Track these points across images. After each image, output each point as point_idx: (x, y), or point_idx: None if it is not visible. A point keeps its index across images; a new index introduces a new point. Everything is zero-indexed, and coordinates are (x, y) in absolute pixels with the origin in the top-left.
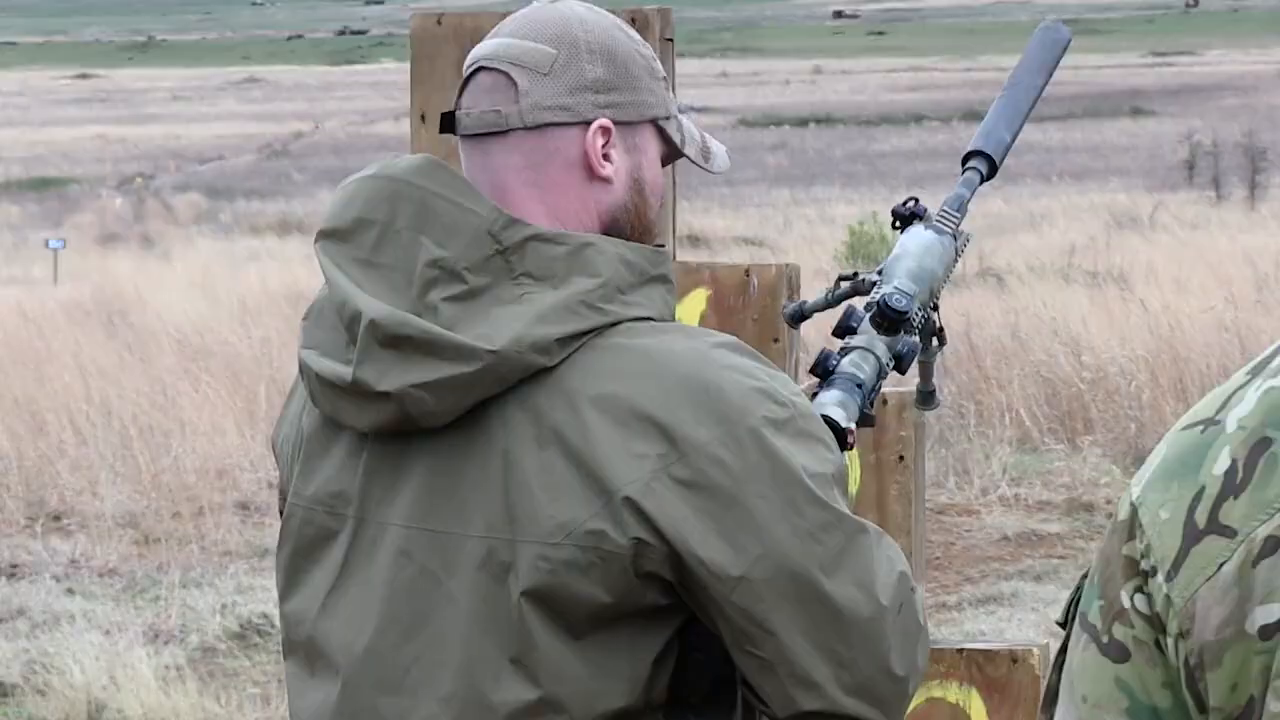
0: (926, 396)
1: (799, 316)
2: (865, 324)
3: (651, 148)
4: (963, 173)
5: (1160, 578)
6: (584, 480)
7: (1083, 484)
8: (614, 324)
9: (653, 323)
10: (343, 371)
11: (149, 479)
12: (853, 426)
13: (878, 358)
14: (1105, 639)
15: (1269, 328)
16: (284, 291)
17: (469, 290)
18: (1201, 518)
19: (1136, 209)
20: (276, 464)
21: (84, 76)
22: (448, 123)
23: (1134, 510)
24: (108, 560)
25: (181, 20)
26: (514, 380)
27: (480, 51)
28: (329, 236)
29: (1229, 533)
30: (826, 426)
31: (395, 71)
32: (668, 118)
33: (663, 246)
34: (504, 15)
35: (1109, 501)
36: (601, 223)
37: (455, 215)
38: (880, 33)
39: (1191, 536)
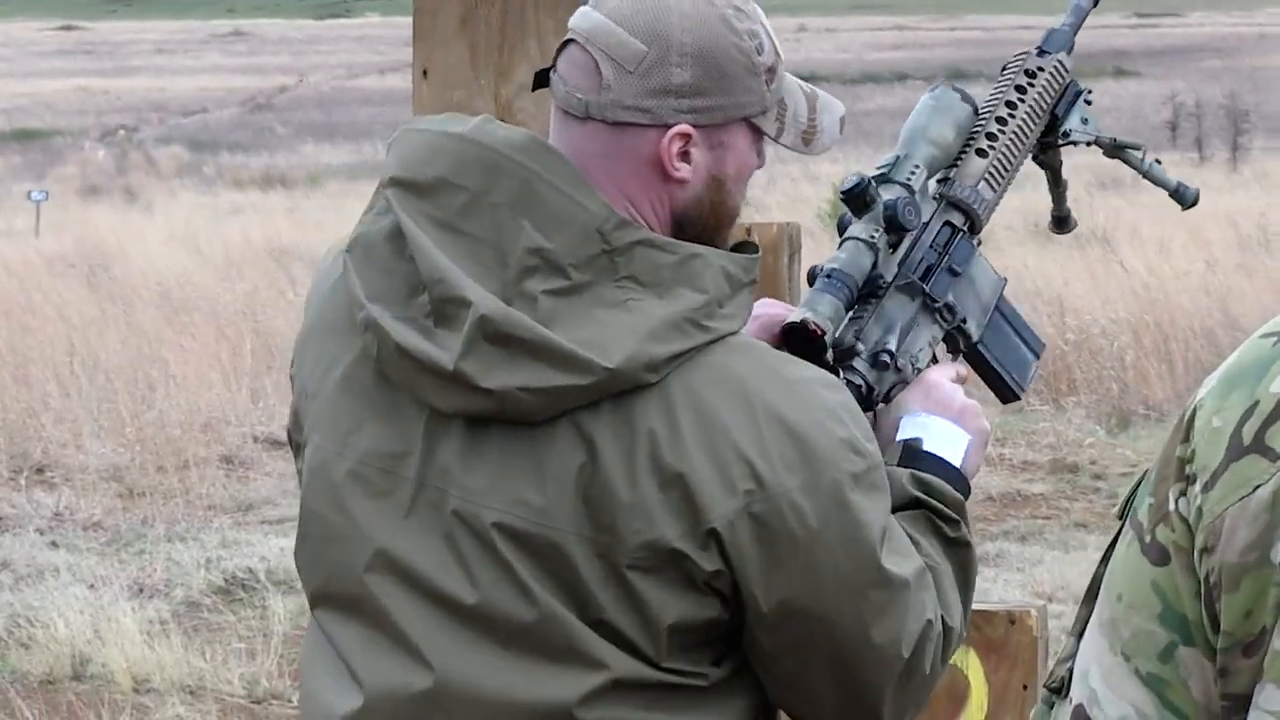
0: (1060, 221)
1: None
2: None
3: (740, 142)
4: None
5: (1198, 487)
6: (675, 502)
7: (1067, 444)
8: (713, 341)
9: (742, 340)
10: (440, 357)
11: (133, 432)
12: (828, 326)
13: (868, 242)
14: (1148, 539)
15: (1250, 289)
16: (267, 245)
17: (571, 286)
18: (1248, 434)
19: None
20: (292, 389)
21: (68, 28)
22: (541, 80)
23: (1193, 412)
24: (92, 514)
25: None
26: (617, 391)
27: (579, 23)
28: (404, 187)
29: (1272, 455)
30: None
31: (381, 26)
32: (763, 112)
33: (755, 249)
34: None
35: (1093, 462)
36: (673, 215)
37: (565, 206)
38: None
39: (1235, 451)
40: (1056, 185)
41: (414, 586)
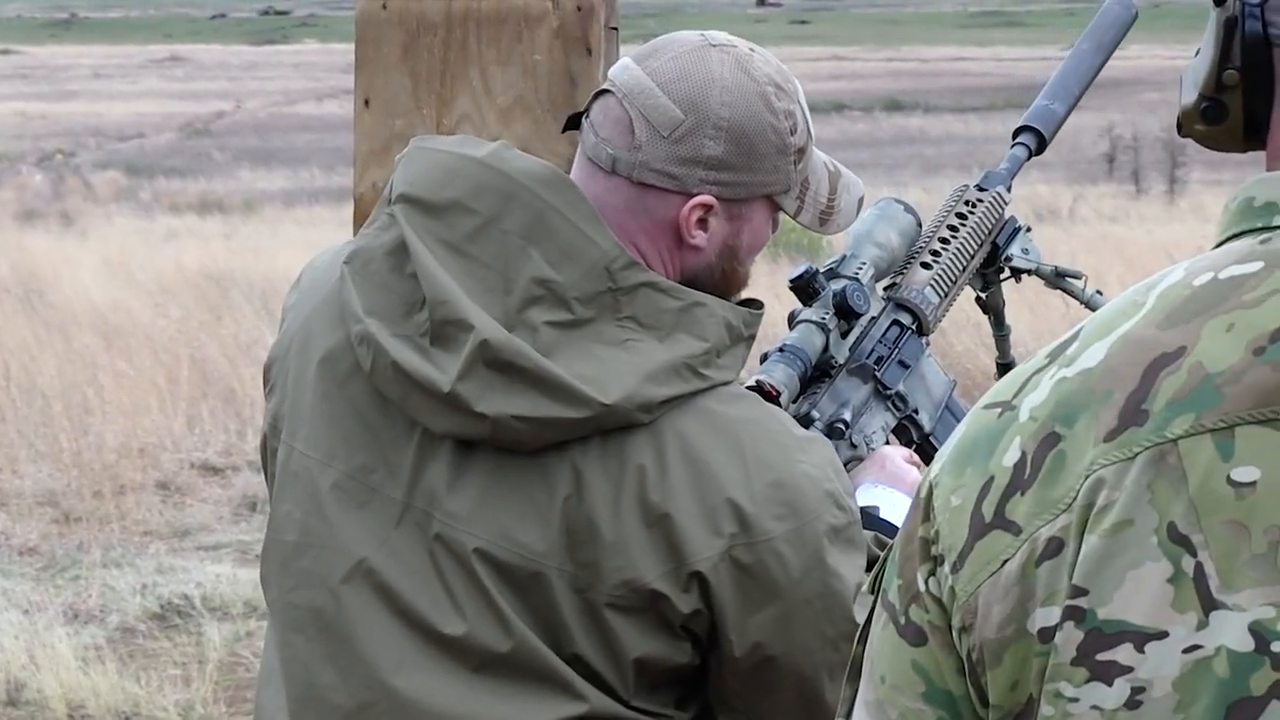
0: (1005, 370)
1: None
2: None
3: (758, 216)
4: (1011, 147)
5: (947, 568)
6: (658, 543)
7: None
8: (708, 389)
9: (736, 390)
10: (437, 379)
11: (69, 457)
12: (784, 389)
13: (819, 324)
14: (903, 620)
15: None
16: (203, 271)
17: (574, 320)
18: (989, 510)
19: (1057, 201)
20: (264, 385)
21: (4, 52)
22: (574, 122)
23: (930, 491)
24: (27, 539)
25: None
26: (610, 428)
27: (620, 77)
28: (414, 205)
29: (1014, 529)
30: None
31: (318, 52)
32: (786, 191)
33: (760, 305)
34: (449, 1)
35: None
36: (682, 276)
37: (575, 240)
38: (803, 21)
39: (978, 529)
40: (1000, 328)
41: (390, 604)
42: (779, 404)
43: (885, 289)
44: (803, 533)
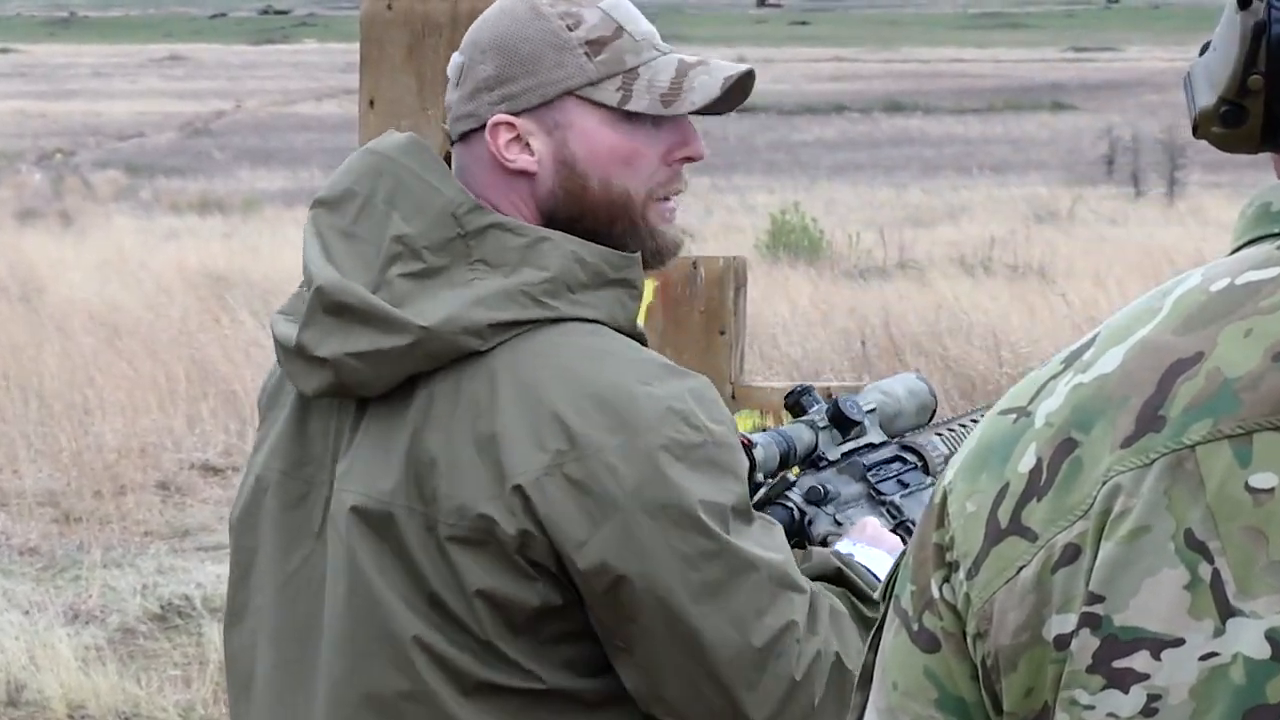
0: None
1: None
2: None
3: (583, 120)
4: None
5: (962, 574)
6: (485, 464)
7: None
8: (556, 320)
9: (598, 326)
10: (289, 335)
11: (69, 457)
12: (759, 446)
13: (809, 422)
14: (915, 626)
15: None
16: (203, 270)
17: (426, 269)
18: (1004, 517)
19: (1056, 203)
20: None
21: (4, 51)
22: None
23: (944, 497)
24: (28, 539)
25: None
26: (446, 359)
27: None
28: (321, 205)
29: (1030, 535)
30: (745, 458)
31: (318, 52)
32: (591, 84)
33: (635, 253)
34: (453, 2)
35: None
36: (541, 215)
37: (425, 194)
38: (803, 22)
39: (993, 535)
40: None
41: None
42: (753, 454)
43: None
44: (636, 445)
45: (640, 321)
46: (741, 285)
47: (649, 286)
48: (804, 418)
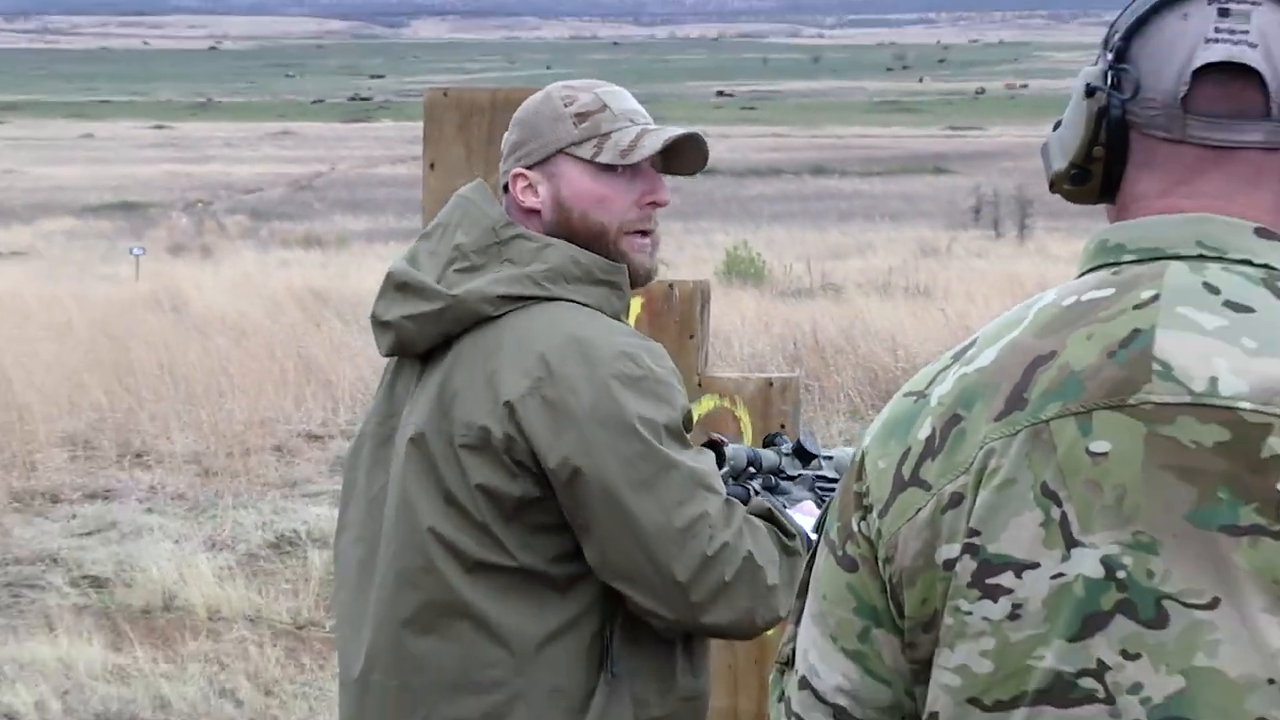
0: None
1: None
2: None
3: (570, 172)
4: None
5: (875, 514)
6: (487, 390)
7: None
8: (553, 299)
9: (584, 307)
10: (373, 313)
11: (208, 428)
12: (729, 446)
13: (778, 449)
14: (840, 553)
15: None
16: (306, 289)
17: (471, 266)
18: (907, 472)
19: (937, 242)
20: None
21: (159, 127)
22: None
23: (863, 457)
24: (178, 488)
25: (233, 86)
26: (469, 322)
27: None
28: (422, 238)
29: (926, 486)
30: (677, 391)
31: (393, 129)
32: (577, 143)
33: (620, 262)
34: (493, 91)
35: None
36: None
37: (478, 215)
38: (751, 108)
39: (899, 485)
40: None
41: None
42: (723, 451)
43: None
44: (594, 374)
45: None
46: (706, 302)
47: (636, 303)
48: (772, 447)
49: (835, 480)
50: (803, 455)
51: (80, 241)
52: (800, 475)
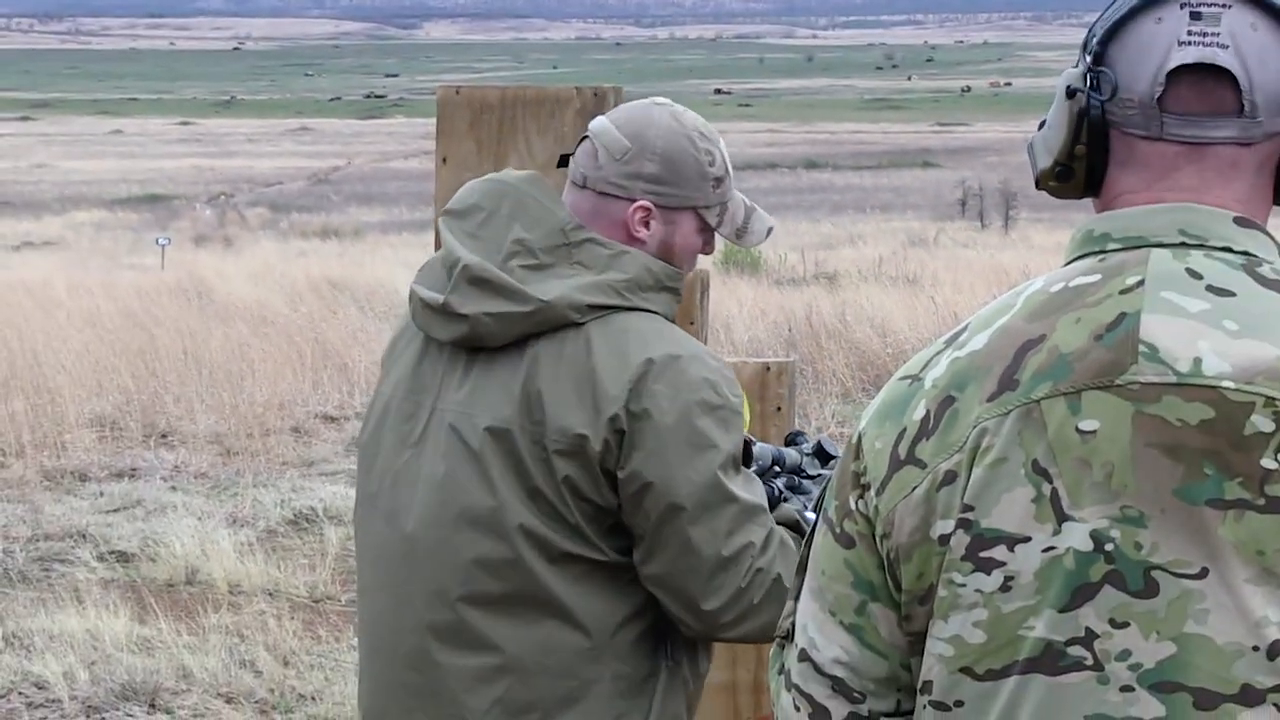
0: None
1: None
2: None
3: (687, 224)
4: None
5: (872, 492)
6: (583, 401)
7: None
8: (630, 309)
9: (655, 315)
10: (437, 296)
11: (230, 409)
12: (757, 443)
13: (799, 449)
14: (838, 530)
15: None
16: (323, 279)
17: (538, 264)
18: (903, 451)
19: (925, 232)
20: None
21: (185, 124)
22: (565, 161)
23: (859, 438)
24: (200, 467)
25: (255, 85)
26: (551, 326)
27: (593, 124)
28: (450, 214)
29: (921, 464)
30: (742, 420)
31: (406, 125)
32: (708, 206)
33: (679, 270)
34: (502, 89)
35: None
36: None
37: (542, 212)
38: (747, 105)
39: (895, 464)
40: None
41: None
42: (751, 450)
43: None
44: (680, 397)
45: None
46: (706, 290)
47: None
48: (794, 446)
49: None
50: (822, 456)
51: (109, 232)
52: (820, 475)
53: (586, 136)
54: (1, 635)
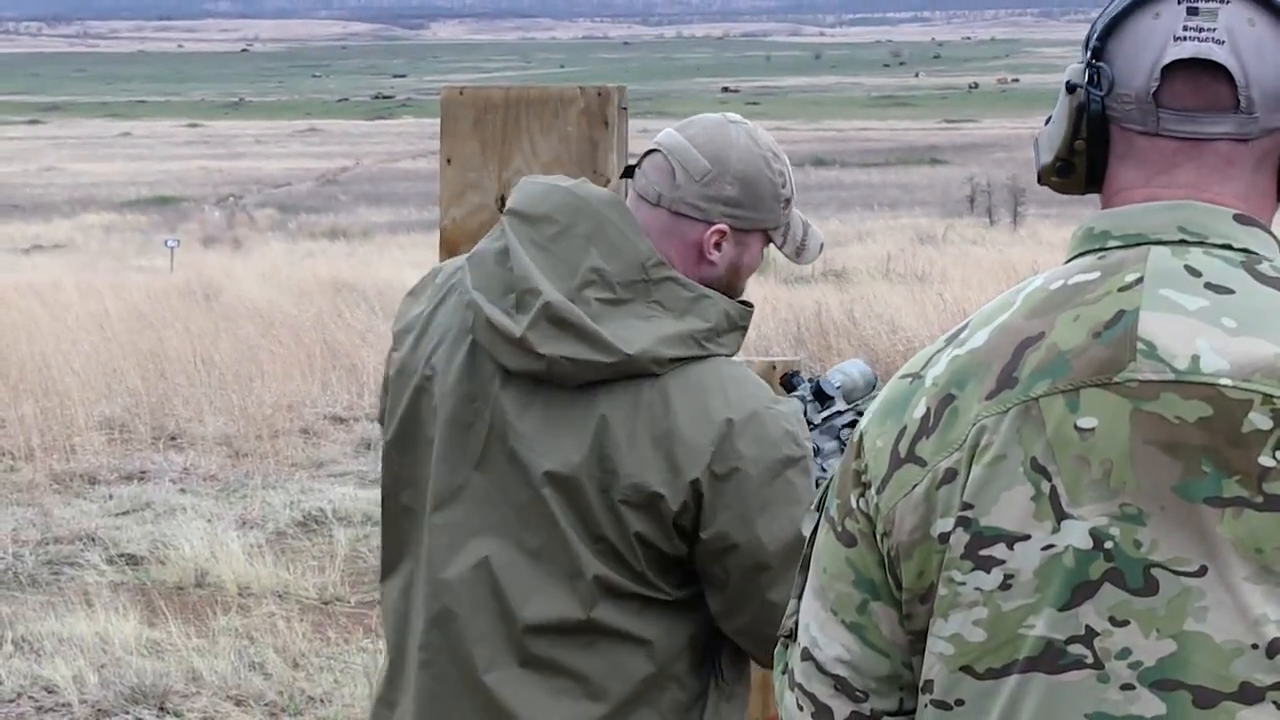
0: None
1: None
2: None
3: (756, 245)
4: None
5: (873, 491)
6: (660, 458)
7: None
8: (709, 356)
9: (730, 361)
10: (512, 327)
11: (239, 411)
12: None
13: (800, 396)
14: (840, 529)
15: None
16: (331, 279)
17: (616, 299)
18: (903, 449)
19: (933, 229)
20: (394, 343)
21: (193, 125)
22: (629, 172)
23: (861, 436)
24: (209, 469)
25: (263, 86)
26: (631, 375)
27: (666, 140)
28: (518, 216)
29: (921, 462)
30: (813, 459)
31: (414, 125)
32: (776, 228)
33: (751, 306)
34: (506, 89)
35: None
36: (701, 281)
37: (622, 243)
38: (755, 103)
39: (895, 463)
40: None
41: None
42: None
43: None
44: (765, 457)
45: None
46: None
47: None
48: (795, 393)
49: (847, 413)
50: (821, 397)
51: (118, 234)
52: (824, 423)
53: (657, 151)
54: (11, 639)
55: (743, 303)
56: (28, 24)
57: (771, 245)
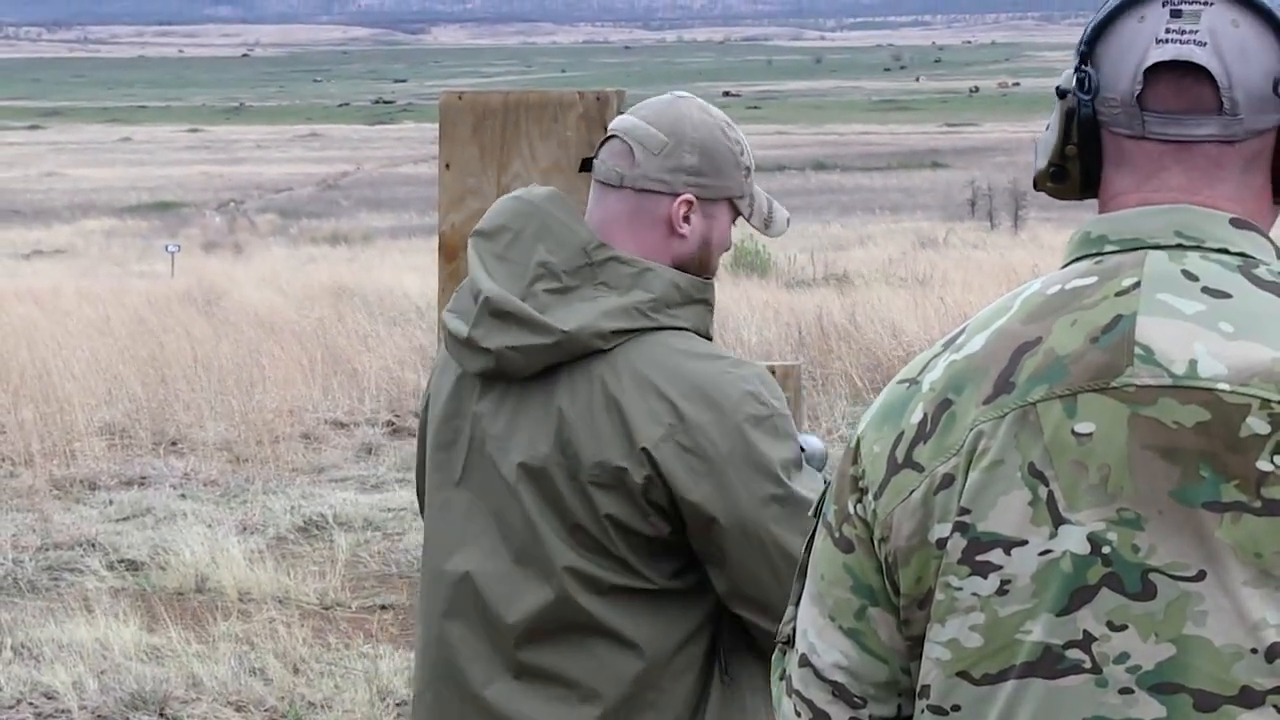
0: None
1: None
2: None
3: (724, 217)
4: None
5: (870, 497)
6: (616, 431)
7: None
8: (659, 328)
9: (687, 332)
10: (462, 328)
11: (239, 416)
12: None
13: None
14: (837, 535)
15: None
16: (332, 285)
17: (563, 287)
18: (900, 455)
19: (934, 233)
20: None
21: (194, 130)
22: (587, 165)
23: (858, 441)
24: (210, 474)
25: (263, 91)
26: (579, 354)
27: (620, 123)
28: (479, 235)
29: (918, 468)
30: (791, 420)
31: (414, 130)
32: (741, 197)
33: (710, 279)
34: (505, 94)
35: None
36: (674, 262)
37: (564, 232)
38: (756, 107)
39: (893, 468)
40: None
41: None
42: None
43: None
44: (726, 421)
45: None
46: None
47: None
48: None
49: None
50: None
51: (118, 240)
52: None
53: (613, 137)
54: (11, 645)
55: (700, 276)
56: (28, 29)
57: (740, 220)
